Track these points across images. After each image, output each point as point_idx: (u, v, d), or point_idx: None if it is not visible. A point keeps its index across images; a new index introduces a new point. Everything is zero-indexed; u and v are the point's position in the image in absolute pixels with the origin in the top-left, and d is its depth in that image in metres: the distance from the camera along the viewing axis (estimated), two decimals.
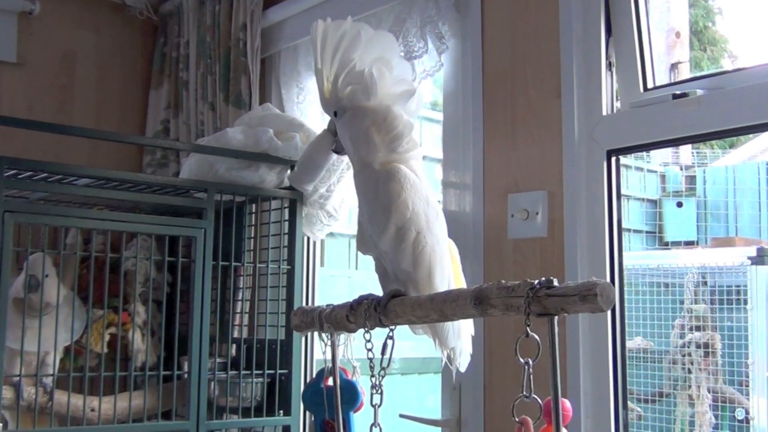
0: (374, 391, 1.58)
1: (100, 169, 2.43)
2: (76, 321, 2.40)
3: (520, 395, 1.27)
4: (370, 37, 1.68)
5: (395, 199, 1.60)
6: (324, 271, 3.57)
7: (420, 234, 1.61)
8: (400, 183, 1.60)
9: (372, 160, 1.65)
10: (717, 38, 5.92)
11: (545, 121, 2.12)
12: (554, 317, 1.23)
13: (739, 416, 4.19)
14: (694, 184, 5.25)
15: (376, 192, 1.63)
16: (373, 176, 1.64)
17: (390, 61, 1.68)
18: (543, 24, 2.15)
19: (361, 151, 1.66)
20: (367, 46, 1.66)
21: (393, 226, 1.60)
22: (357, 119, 1.65)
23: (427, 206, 1.64)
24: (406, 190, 1.60)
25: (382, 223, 1.62)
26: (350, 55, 1.66)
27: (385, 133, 1.64)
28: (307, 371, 2.78)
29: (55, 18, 3.24)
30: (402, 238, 1.61)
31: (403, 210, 1.60)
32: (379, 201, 1.62)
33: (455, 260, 1.74)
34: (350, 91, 1.66)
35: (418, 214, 1.61)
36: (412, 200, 1.61)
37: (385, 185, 1.61)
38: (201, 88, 3.05)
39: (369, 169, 1.65)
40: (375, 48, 1.67)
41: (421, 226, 1.61)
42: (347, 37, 1.66)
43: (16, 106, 3.09)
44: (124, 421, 2.38)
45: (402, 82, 1.69)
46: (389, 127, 1.64)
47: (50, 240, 2.41)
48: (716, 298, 4.34)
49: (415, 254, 1.61)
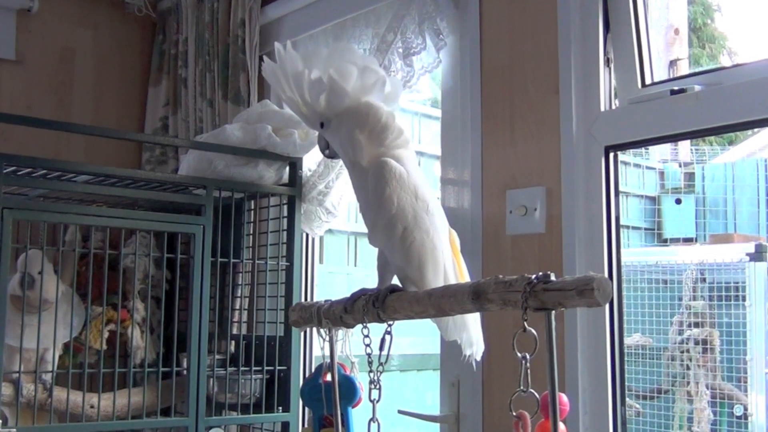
0: (372, 386, 1.59)
1: (98, 166, 2.43)
2: (74, 317, 2.40)
3: (518, 390, 1.27)
4: (330, 50, 1.67)
5: (380, 196, 1.60)
6: (323, 268, 3.57)
7: (407, 230, 1.61)
8: (385, 179, 1.60)
9: (360, 159, 1.65)
10: (716, 35, 5.93)
11: (543, 118, 2.12)
12: (551, 312, 1.23)
13: (738, 413, 4.20)
14: (692, 180, 5.26)
15: (365, 188, 1.64)
16: (363, 173, 1.65)
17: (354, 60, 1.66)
18: (541, 20, 2.15)
19: (350, 154, 1.67)
20: (328, 58, 1.65)
21: (380, 222, 1.61)
22: (342, 125, 1.65)
23: (415, 200, 1.62)
24: (390, 185, 1.59)
25: (370, 219, 1.63)
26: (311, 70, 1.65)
27: (370, 129, 1.64)
28: (306, 367, 2.79)
29: (53, 15, 3.24)
30: (389, 233, 1.61)
31: (388, 206, 1.60)
32: (367, 198, 1.63)
33: (456, 249, 1.75)
34: (324, 101, 1.65)
35: (404, 209, 1.60)
36: (398, 195, 1.60)
37: (372, 181, 1.61)
38: (200, 85, 3.05)
39: (359, 167, 1.66)
40: (335, 57, 1.65)
41: (408, 222, 1.61)
42: (304, 55, 1.66)
43: (15, 103, 3.09)
44: (123, 417, 2.38)
45: (369, 72, 1.66)
46: (373, 123, 1.64)
47: (49, 237, 2.41)
48: (715, 295, 4.35)
49: (404, 249, 1.61)
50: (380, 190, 1.59)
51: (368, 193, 1.63)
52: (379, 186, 1.60)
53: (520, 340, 1.26)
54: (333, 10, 2.69)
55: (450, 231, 1.74)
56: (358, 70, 1.65)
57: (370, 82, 1.66)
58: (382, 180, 1.60)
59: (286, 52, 1.66)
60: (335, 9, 2.68)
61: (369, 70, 1.66)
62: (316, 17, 2.74)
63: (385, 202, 1.59)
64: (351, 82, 1.65)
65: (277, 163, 2.57)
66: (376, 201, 1.60)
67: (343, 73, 1.64)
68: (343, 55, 1.66)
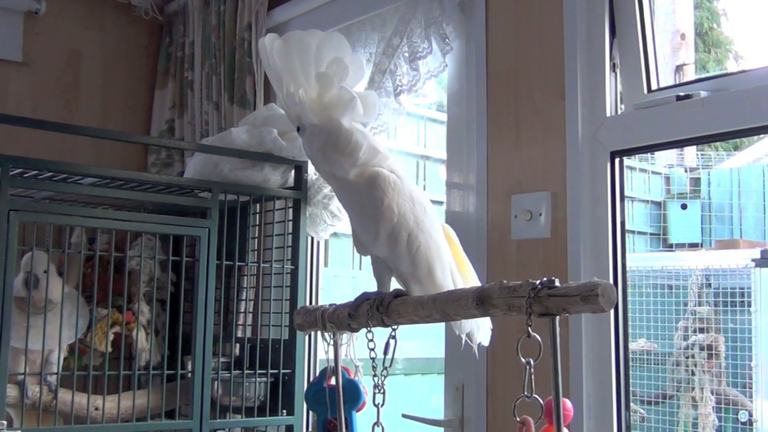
0: (377, 390, 1.59)
1: (104, 169, 2.43)
2: (78, 318, 2.41)
3: (522, 395, 1.27)
4: (321, 41, 1.62)
5: (379, 206, 1.58)
6: (328, 271, 3.58)
7: (411, 235, 1.61)
8: (381, 189, 1.59)
9: (342, 174, 1.62)
10: (722, 40, 5.92)
11: (549, 122, 2.12)
12: (556, 317, 1.23)
13: (743, 418, 4.19)
14: (698, 186, 5.25)
15: (360, 202, 1.62)
16: (353, 187, 1.62)
17: (343, 59, 1.61)
18: (547, 25, 2.15)
19: (326, 167, 1.64)
20: (318, 52, 1.61)
21: (383, 233, 1.60)
22: (313, 137, 1.62)
23: (413, 205, 1.62)
24: (388, 194, 1.59)
25: (372, 231, 1.61)
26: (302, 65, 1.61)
27: (341, 150, 1.60)
28: (311, 371, 2.79)
29: (60, 18, 3.25)
30: (395, 242, 1.60)
31: (389, 216, 1.59)
32: (365, 211, 1.61)
33: (454, 243, 1.74)
34: (298, 111, 1.63)
35: (405, 215, 1.60)
36: (397, 203, 1.59)
37: (367, 194, 1.59)
38: (206, 88, 3.06)
39: (344, 180, 1.63)
40: (329, 51, 1.61)
41: (411, 227, 1.61)
42: (296, 51, 1.61)
43: (21, 106, 3.10)
44: (128, 420, 2.38)
45: (341, 92, 1.61)
46: (342, 144, 1.60)
47: (55, 239, 2.41)
48: (720, 300, 4.34)
49: (411, 255, 1.61)
50: (379, 201, 1.58)
51: (363, 207, 1.61)
52: (376, 197, 1.58)
53: (524, 345, 1.26)
54: (339, 13, 2.70)
55: (444, 226, 1.74)
56: (335, 88, 1.60)
57: (343, 102, 1.61)
58: (378, 191, 1.59)
59: (268, 51, 1.61)
60: (342, 12, 2.69)
61: (343, 91, 1.60)
62: (322, 20, 2.75)
63: (386, 211, 1.59)
64: (322, 102, 1.61)
65: (283, 167, 2.57)
66: (375, 212, 1.59)
67: (319, 90, 1.60)
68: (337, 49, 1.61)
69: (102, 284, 2.46)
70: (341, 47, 1.63)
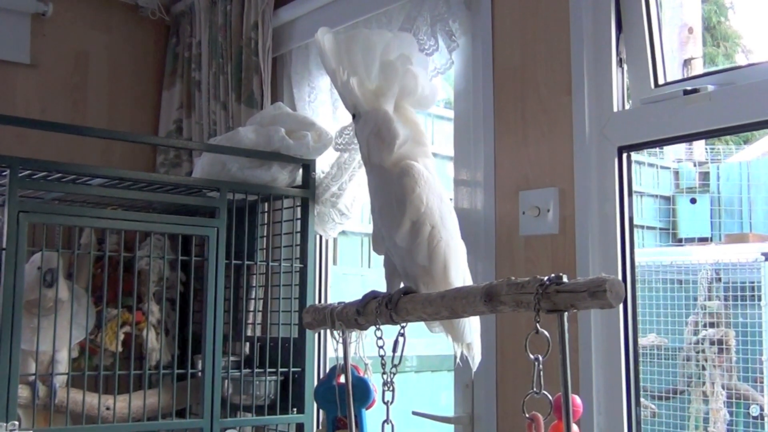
0: (386, 388, 1.59)
1: (113, 169, 2.44)
2: (85, 318, 2.41)
3: (531, 391, 1.27)
4: (388, 41, 1.67)
5: (409, 194, 1.61)
6: (336, 270, 3.57)
7: (435, 228, 1.62)
8: (414, 178, 1.62)
9: (380, 161, 1.66)
10: (730, 33, 5.90)
11: (556, 118, 2.12)
12: (564, 313, 1.23)
13: (754, 413, 4.18)
14: (707, 180, 5.23)
15: (389, 188, 1.64)
16: (384, 174, 1.65)
17: (410, 57, 1.68)
18: (553, 20, 2.15)
19: (367, 154, 1.68)
20: (386, 48, 1.66)
21: (408, 221, 1.62)
22: (365, 125, 1.66)
23: (441, 203, 1.65)
24: (420, 185, 1.61)
25: (396, 218, 1.62)
26: (362, 59, 1.66)
27: (382, 138, 1.64)
28: (320, 369, 2.79)
29: (68, 19, 3.26)
30: (417, 232, 1.62)
31: (417, 204, 1.61)
32: (393, 196, 1.63)
33: None
34: (354, 100, 1.67)
35: (432, 209, 1.63)
36: (426, 195, 1.62)
37: (399, 180, 1.62)
38: (213, 88, 3.07)
39: (379, 168, 1.67)
40: (395, 48, 1.67)
41: (436, 221, 1.63)
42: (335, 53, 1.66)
43: (29, 107, 3.11)
44: (139, 419, 2.39)
45: (405, 77, 1.67)
46: (384, 133, 1.64)
47: (65, 240, 2.42)
48: (730, 295, 4.33)
49: (431, 248, 1.62)
50: (409, 189, 1.61)
51: (391, 195, 1.63)
52: (407, 185, 1.61)
53: (533, 341, 1.26)
54: (346, 12, 2.69)
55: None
56: (399, 73, 1.65)
57: (408, 89, 1.67)
58: (411, 179, 1.61)
59: (323, 44, 1.65)
60: (348, 11, 2.69)
61: (409, 73, 1.66)
62: (328, 19, 2.75)
63: (415, 200, 1.61)
64: (386, 86, 1.65)
65: (291, 166, 2.58)
66: (404, 199, 1.61)
67: (385, 75, 1.65)
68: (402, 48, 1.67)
69: (112, 284, 2.47)
70: (410, 46, 1.72)
